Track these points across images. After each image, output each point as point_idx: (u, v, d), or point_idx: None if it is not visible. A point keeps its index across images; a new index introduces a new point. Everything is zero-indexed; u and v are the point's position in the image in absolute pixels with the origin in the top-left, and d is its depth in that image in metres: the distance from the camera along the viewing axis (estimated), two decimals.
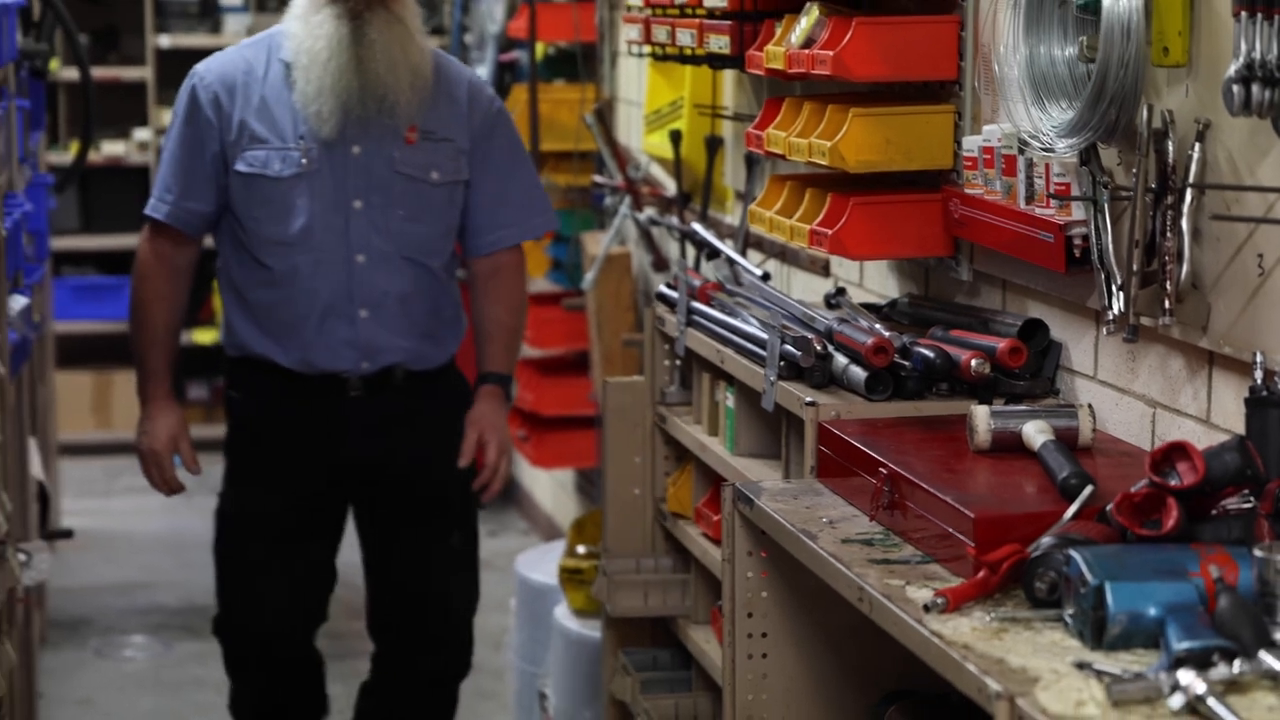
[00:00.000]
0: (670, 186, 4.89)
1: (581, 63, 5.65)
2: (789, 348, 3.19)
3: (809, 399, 3.07)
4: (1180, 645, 2.13)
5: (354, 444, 3.85)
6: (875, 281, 3.81)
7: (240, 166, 3.77)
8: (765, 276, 3.81)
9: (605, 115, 5.27)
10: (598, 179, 5.33)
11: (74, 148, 6.34)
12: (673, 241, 4.90)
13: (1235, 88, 2.40)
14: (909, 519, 2.67)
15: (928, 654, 2.30)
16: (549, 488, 6.58)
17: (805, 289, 4.12)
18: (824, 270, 4.06)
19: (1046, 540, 2.40)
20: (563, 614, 4.49)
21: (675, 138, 4.65)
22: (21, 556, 4.27)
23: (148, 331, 3.89)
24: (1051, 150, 2.84)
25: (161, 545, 6.73)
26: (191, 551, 6.22)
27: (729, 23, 3.75)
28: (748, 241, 4.34)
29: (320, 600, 4.00)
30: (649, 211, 5.03)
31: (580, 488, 6.10)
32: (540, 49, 5.93)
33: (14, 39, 4.37)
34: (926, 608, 2.36)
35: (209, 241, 3.95)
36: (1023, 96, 2.90)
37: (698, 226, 4.32)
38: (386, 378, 3.83)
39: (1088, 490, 2.51)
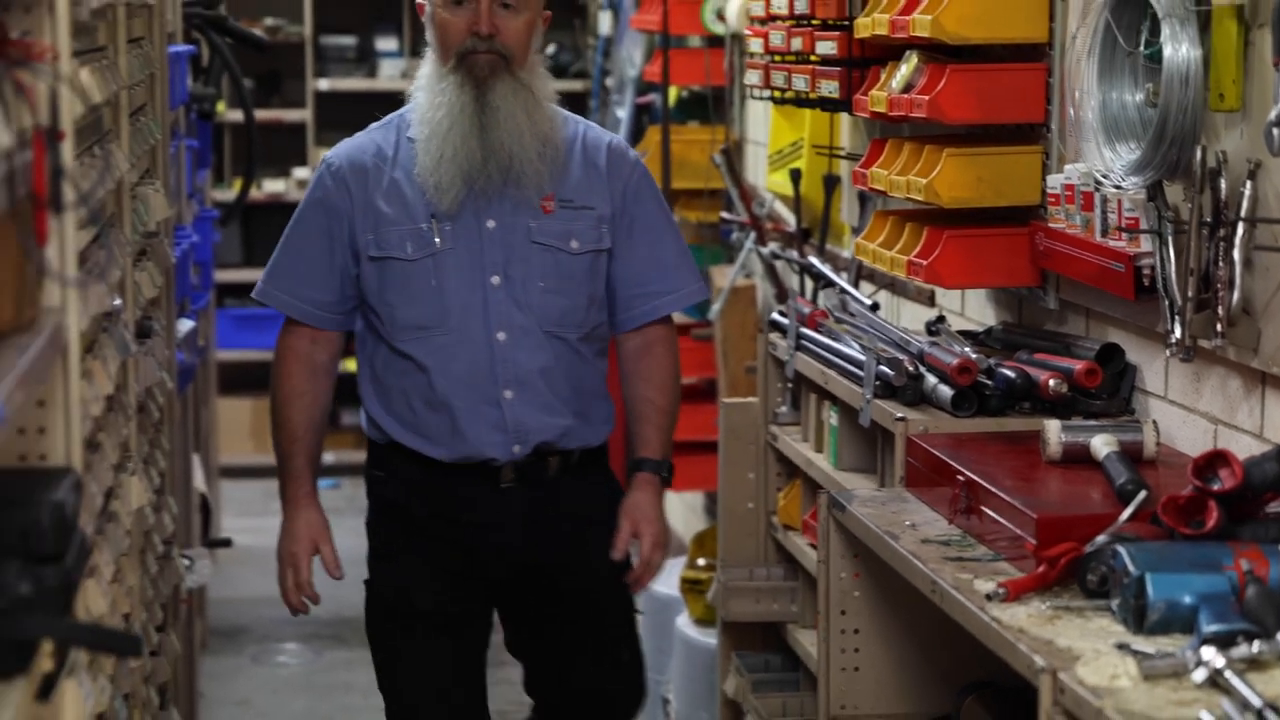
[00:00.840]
0: (792, 222, 5.17)
1: (712, 105, 5.96)
2: (883, 368, 3.46)
3: (900, 415, 3.35)
4: (1209, 628, 2.39)
5: (505, 534, 3.60)
6: (975, 310, 4.07)
7: (372, 251, 3.55)
8: (874, 306, 4.09)
9: (732, 155, 5.56)
10: (725, 215, 5.63)
11: (237, 185, 6.73)
12: (794, 274, 5.18)
13: (1275, 131, 2.67)
14: (983, 522, 2.93)
15: (988, 637, 2.57)
16: (679, 509, 6.87)
17: (912, 318, 4.39)
18: (929, 300, 4.33)
19: (1101, 539, 2.66)
20: (683, 623, 4.78)
21: (795, 176, 4.94)
22: (185, 561, 4.64)
23: (287, 431, 3.65)
24: (1121, 187, 3.11)
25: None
26: (343, 568, 6.56)
27: (838, 69, 4.04)
28: (860, 273, 4.61)
29: (475, 697, 3.72)
30: (772, 246, 5.32)
31: (709, 509, 6.38)
32: (674, 92, 6.24)
33: (185, 84, 4.75)
34: (988, 597, 2.63)
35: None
36: (1097, 138, 3.17)
37: (814, 259, 4.60)
38: (540, 466, 3.58)
39: (1141, 495, 2.77)
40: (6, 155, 1.80)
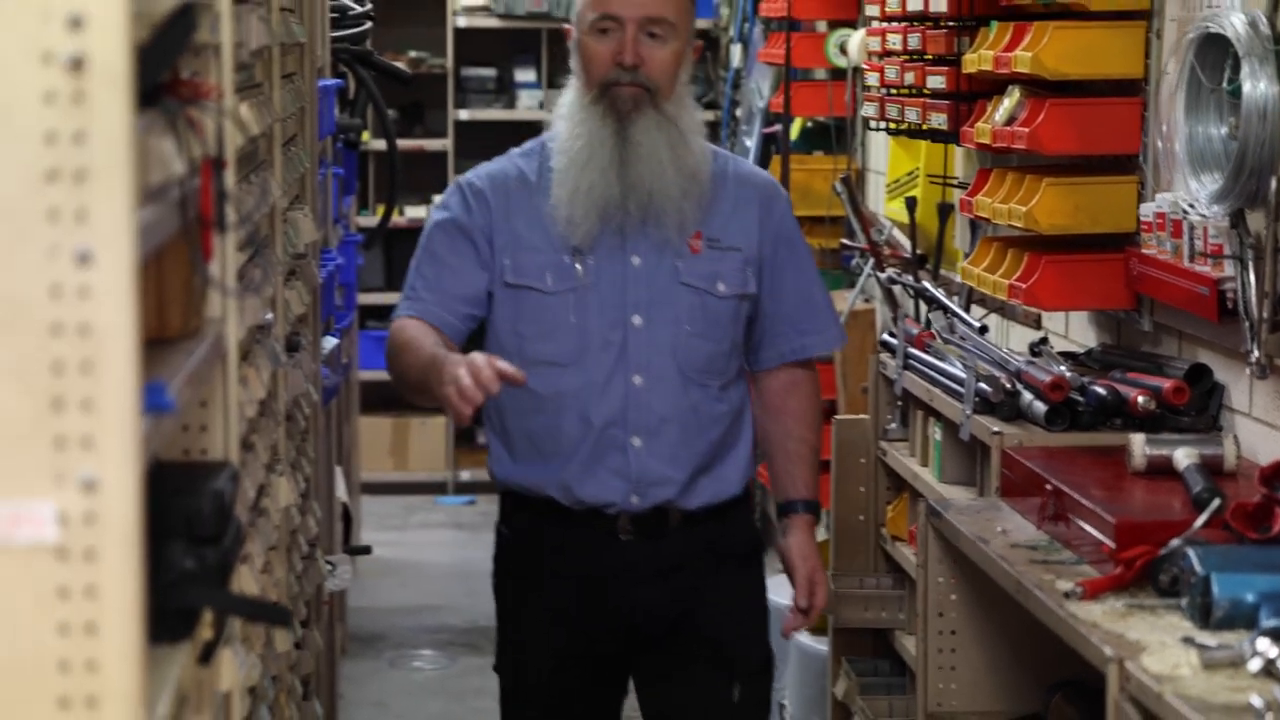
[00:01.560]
0: (909, 248, 5.37)
1: (834, 136, 6.18)
2: (982, 385, 3.67)
3: (996, 429, 3.55)
4: (1268, 623, 2.58)
5: (628, 591, 3.46)
6: (1078, 333, 4.26)
7: (509, 278, 3.41)
8: (983, 329, 4.29)
9: (852, 183, 5.77)
10: (845, 242, 5.85)
11: (381, 211, 7.03)
12: (910, 298, 5.38)
13: None
14: (1069, 528, 3.13)
15: (1064, 631, 2.77)
16: None
17: (1020, 340, 4.58)
18: (1036, 323, 4.52)
19: (1174, 543, 2.85)
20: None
21: (910, 204, 5.14)
22: (328, 566, 4.92)
23: (412, 355, 3.37)
24: (1205, 215, 3.30)
25: (449, 573, 7.41)
26: (476, 580, 6.79)
27: (947, 102, 4.25)
28: (971, 297, 4.81)
29: None
30: (890, 271, 5.52)
31: (828, 524, 6.58)
32: (799, 123, 6.47)
33: (332, 115, 5.04)
34: (1066, 594, 2.83)
35: None
36: (1184, 169, 3.36)
37: (927, 284, 4.80)
38: (661, 521, 3.43)
39: (1215, 503, 2.95)
40: (179, 181, 2.06)
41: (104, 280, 1.62)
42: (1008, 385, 3.64)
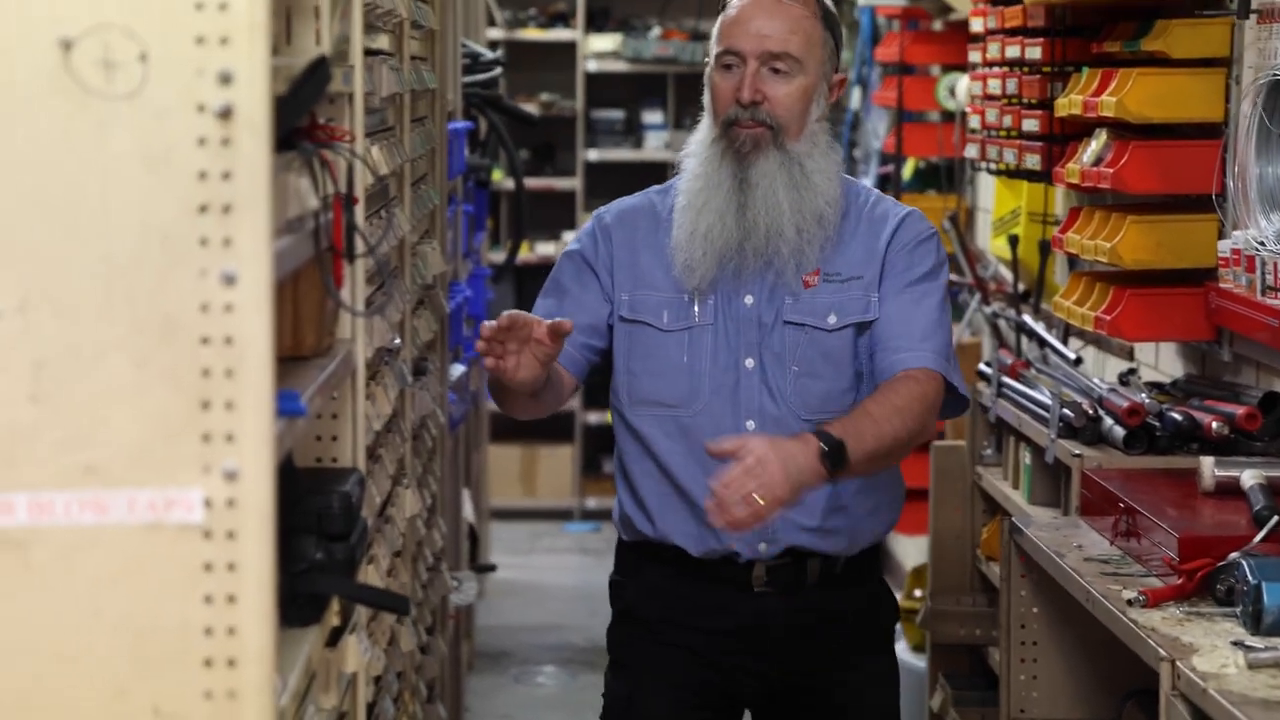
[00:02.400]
0: (1013, 283, 5.58)
1: (944, 176, 6.40)
2: (1066, 411, 3.88)
3: (1077, 452, 3.76)
4: None
5: (757, 646, 3.32)
6: (1166, 364, 4.46)
7: (625, 312, 3.32)
8: (1078, 360, 4.50)
9: (959, 221, 5.99)
10: (953, 278, 6.05)
11: (510, 247, 7.34)
12: (1012, 331, 5.58)
13: None
14: (1139, 543, 3.33)
15: (1126, 635, 2.98)
16: (910, 550, 7.28)
17: (1113, 371, 4.77)
18: (1129, 355, 4.71)
19: (1233, 555, 3.06)
20: (901, 649, 5.20)
21: (1013, 241, 5.35)
22: (454, 582, 5.19)
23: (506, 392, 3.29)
24: (1275, 251, 3.49)
25: (573, 595, 7.70)
26: (598, 601, 7.04)
27: (1041, 144, 4.46)
28: (1069, 330, 5.01)
29: None
30: (995, 305, 5.73)
31: (928, 549, 6.77)
32: (912, 163, 6.69)
33: (463, 155, 5.33)
34: (1130, 602, 3.04)
35: None
36: (1255, 208, 3.57)
37: (1027, 317, 5.01)
38: (798, 569, 3.30)
39: (1275, 520, 3.15)
40: (314, 215, 2.34)
41: (245, 298, 1.89)
42: (1089, 411, 3.85)
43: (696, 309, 3.29)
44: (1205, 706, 2.64)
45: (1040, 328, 4.91)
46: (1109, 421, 3.82)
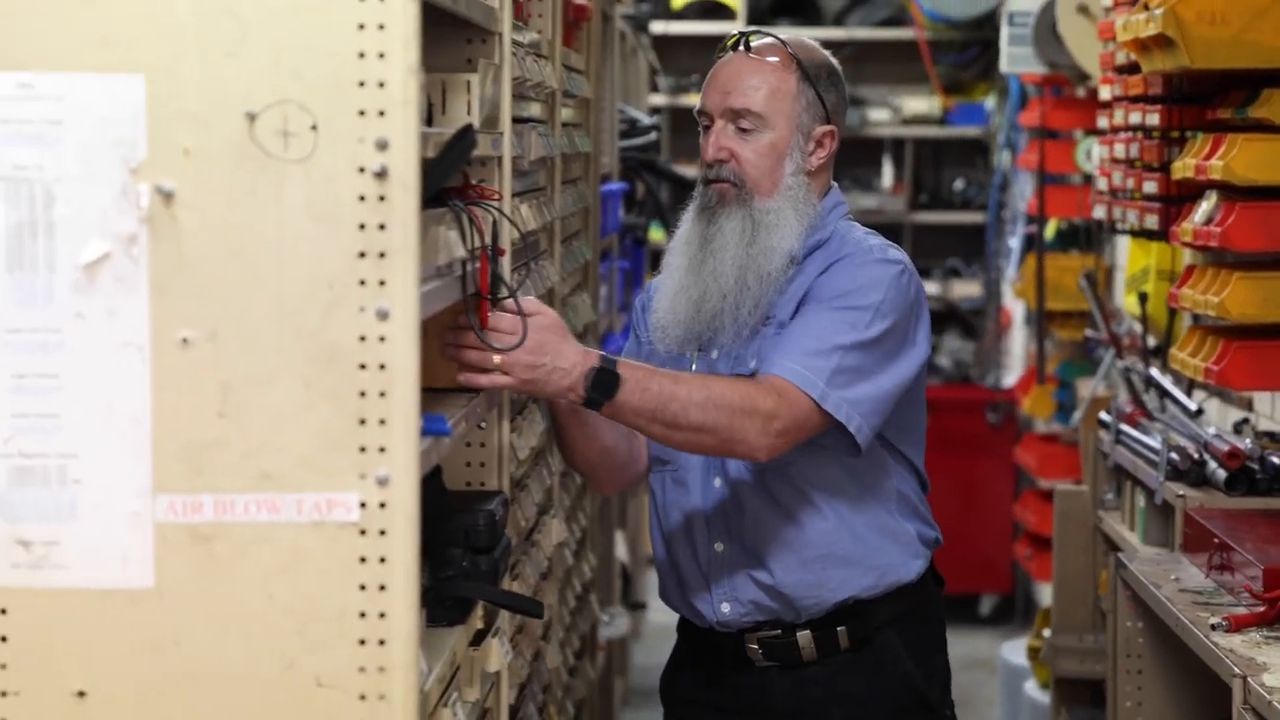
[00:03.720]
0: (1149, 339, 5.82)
1: (1083, 235, 6.64)
2: (1173, 455, 4.12)
3: (1181, 493, 4.01)
4: None
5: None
6: None
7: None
8: (1198, 411, 4.73)
9: (1094, 279, 6.23)
10: (1089, 333, 6.29)
11: None
12: (1141, 384, 5.81)
13: None
14: (1231, 576, 3.57)
15: (1207, 656, 3.23)
16: (1047, 594, 7.50)
17: (1233, 421, 4.99)
18: (1248, 406, 4.93)
19: None
20: (1030, 687, 5.44)
21: (1142, 298, 5.58)
22: (604, 617, 5.51)
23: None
24: None
25: None
26: None
27: (1159, 205, 4.71)
28: (1193, 383, 5.23)
29: None
30: (1129, 360, 5.96)
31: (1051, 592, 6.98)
32: (1054, 224, 6.94)
33: (618, 214, 5.68)
34: (1213, 626, 3.28)
35: None
36: None
37: (1154, 370, 5.25)
38: (788, 642, 3.20)
39: None
40: (462, 263, 2.68)
41: (397, 331, 2.23)
42: (1194, 455, 4.09)
43: (694, 366, 3.22)
44: (1270, 718, 2.88)
45: (1168, 381, 5.13)
46: (1212, 465, 4.06)
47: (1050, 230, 6.98)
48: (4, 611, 2.25)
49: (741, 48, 3.21)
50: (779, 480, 3.16)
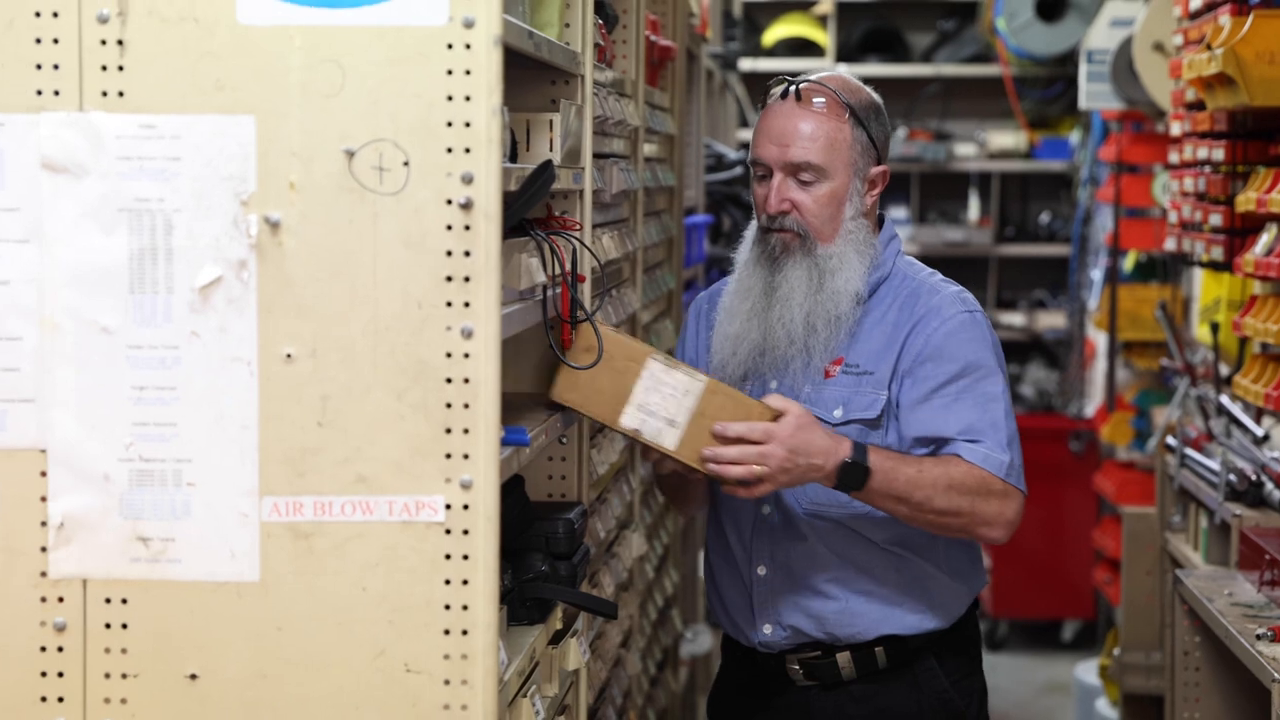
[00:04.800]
0: (1220, 367, 5.96)
1: (1160, 268, 6.79)
2: (1231, 477, 4.28)
3: (1237, 512, 4.17)
4: None
5: None
6: None
7: None
8: (1265, 437, 4.88)
9: (1169, 310, 6.38)
10: (1164, 362, 6.44)
11: None
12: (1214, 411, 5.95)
13: None
14: None
15: (1250, 663, 3.39)
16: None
17: None
18: None
19: None
20: (1102, 704, 5.59)
21: (1214, 328, 5.74)
22: (688, 634, 5.70)
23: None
24: None
25: None
26: None
27: (1223, 237, 4.88)
28: (1261, 411, 5.38)
29: None
30: (1203, 388, 6.10)
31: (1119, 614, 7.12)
32: (1133, 256, 7.09)
33: (702, 246, 5.88)
34: (1258, 636, 3.45)
35: None
36: None
37: (1223, 398, 5.40)
38: (829, 664, 3.30)
39: None
40: (544, 288, 2.91)
41: (479, 349, 2.45)
42: (1252, 476, 4.25)
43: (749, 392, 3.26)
44: None
45: (1237, 408, 5.28)
46: (1269, 486, 4.22)
47: (1130, 262, 7.14)
48: (125, 601, 2.49)
49: (791, 96, 3.28)
50: (832, 523, 3.25)
